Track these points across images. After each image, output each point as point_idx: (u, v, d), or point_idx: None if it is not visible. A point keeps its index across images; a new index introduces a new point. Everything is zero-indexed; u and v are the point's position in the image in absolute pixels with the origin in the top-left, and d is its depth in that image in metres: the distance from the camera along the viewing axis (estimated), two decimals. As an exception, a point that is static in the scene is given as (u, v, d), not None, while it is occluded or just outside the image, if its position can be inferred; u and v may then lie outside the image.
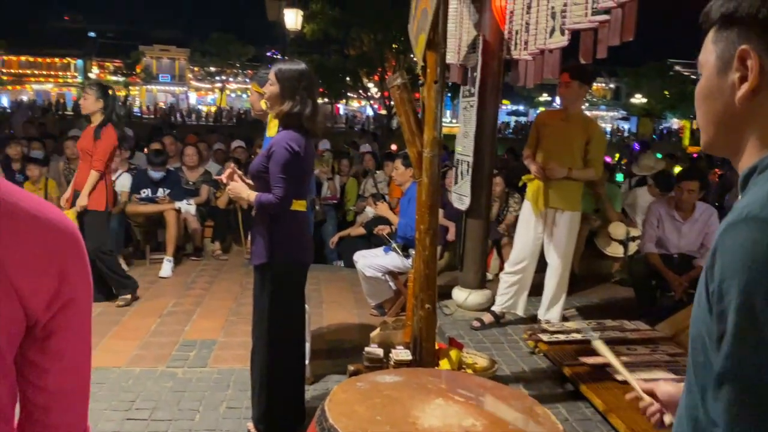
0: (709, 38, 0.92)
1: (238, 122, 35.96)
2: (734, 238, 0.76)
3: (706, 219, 4.68)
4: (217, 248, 6.68)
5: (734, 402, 0.75)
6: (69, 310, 0.87)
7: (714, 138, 0.94)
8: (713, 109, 0.91)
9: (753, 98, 0.84)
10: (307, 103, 2.88)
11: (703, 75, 0.93)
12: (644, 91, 39.38)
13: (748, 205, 0.77)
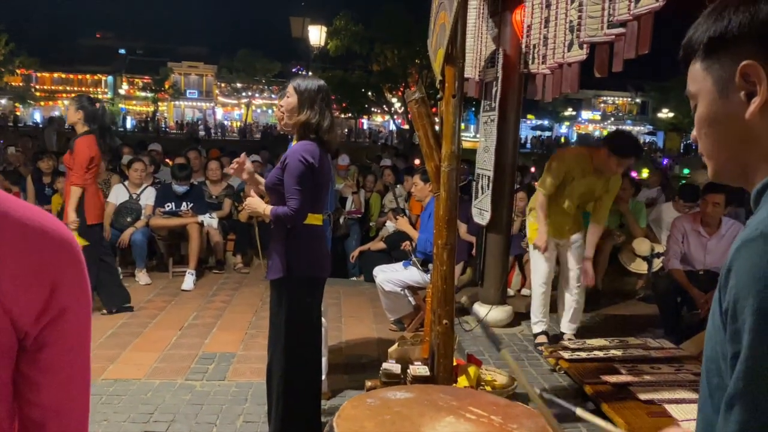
0: (697, 67, 0.90)
1: (262, 137, 36.35)
2: (749, 256, 0.74)
3: (733, 234, 4.58)
4: (239, 261, 6.72)
5: (746, 425, 0.73)
6: (62, 322, 0.84)
7: (724, 164, 0.91)
8: (722, 134, 0.88)
9: (764, 113, 0.82)
10: (326, 115, 2.90)
11: (700, 104, 0.90)
12: (671, 106, 38.92)
13: (762, 222, 0.75)
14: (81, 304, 0.88)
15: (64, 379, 0.87)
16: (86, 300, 0.89)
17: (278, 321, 3.00)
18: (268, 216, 2.91)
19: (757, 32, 0.81)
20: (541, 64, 3.69)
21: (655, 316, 5.09)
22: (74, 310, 0.86)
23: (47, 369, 0.84)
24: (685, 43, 0.93)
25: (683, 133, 39.51)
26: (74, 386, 0.90)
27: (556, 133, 51.53)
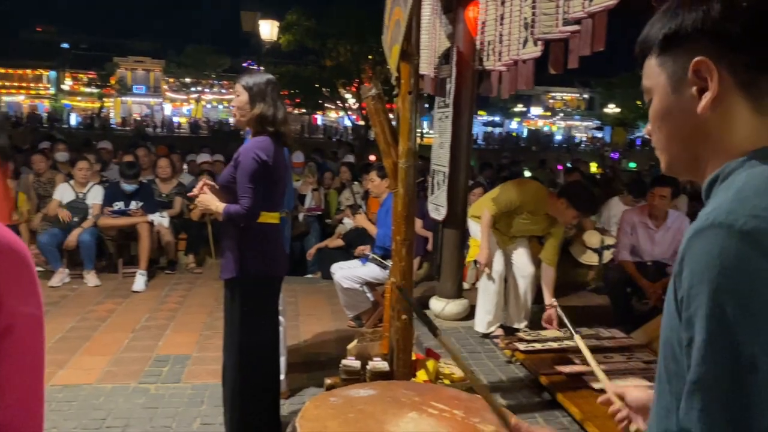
0: (652, 63, 0.93)
1: (212, 133, 35.74)
2: (701, 245, 0.76)
3: (679, 226, 4.75)
4: (191, 261, 6.59)
5: (707, 410, 0.75)
6: (7, 339, 0.79)
7: (677, 157, 0.94)
8: (675, 127, 0.91)
9: (715, 108, 0.85)
10: (279, 107, 2.86)
11: (655, 99, 0.93)
12: (617, 101, 40.05)
13: (713, 211, 0.78)
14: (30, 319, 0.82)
15: (11, 400, 0.82)
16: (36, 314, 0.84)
17: (232, 321, 2.95)
18: (220, 214, 2.86)
19: (710, 30, 0.84)
20: (497, 61, 3.73)
21: (606, 306, 5.24)
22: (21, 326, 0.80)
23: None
24: (640, 40, 0.96)
25: (629, 128, 40.71)
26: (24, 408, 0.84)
27: (506, 129, 52.37)
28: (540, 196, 4.37)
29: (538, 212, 4.35)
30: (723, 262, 0.73)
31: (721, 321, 0.73)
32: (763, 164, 0.81)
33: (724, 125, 0.86)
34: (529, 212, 4.35)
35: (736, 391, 0.73)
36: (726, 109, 0.85)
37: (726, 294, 0.73)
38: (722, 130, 0.86)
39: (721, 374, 0.74)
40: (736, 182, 0.81)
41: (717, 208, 0.78)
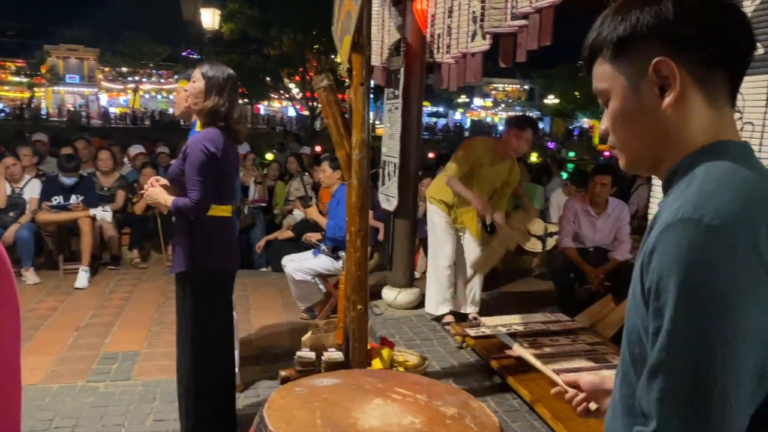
0: (606, 66, 0.96)
1: (152, 124, 34.71)
2: (670, 239, 0.81)
3: (618, 214, 4.95)
4: (136, 256, 6.43)
5: (667, 393, 0.80)
6: None
7: (638, 154, 0.98)
8: (636, 126, 0.95)
9: (676, 105, 0.90)
10: (235, 105, 2.84)
11: (614, 100, 0.96)
12: (556, 92, 41.09)
13: (681, 207, 0.82)
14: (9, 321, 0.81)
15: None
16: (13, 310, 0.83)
17: (184, 315, 2.91)
18: (168, 207, 2.81)
19: (665, 30, 0.88)
20: (446, 54, 3.79)
21: (551, 291, 5.42)
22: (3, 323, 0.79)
23: None
24: (590, 43, 0.98)
25: (567, 119, 41.85)
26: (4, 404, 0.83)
27: (450, 120, 52.98)
28: (489, 143, 4.52)
29: (494, 161, 4.43)
30: (691, 256, 0.78)
31: (687, 310, 0.78)
32: (721, 159, 0.87)
33: (683, 120, 0.91)
34: (487, 165, 4.42)
35: (696, 377, 0.78)
36: (686, 105, 0.90)
37: (694, 286, 0.78)
38: (681, 126, 0.91)
39: (683, 360, 0.79)
40: (697, 177, 0.86)
41: (684, 204, 0.82)
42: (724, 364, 0.77)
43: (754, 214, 0.80)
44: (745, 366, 0.78)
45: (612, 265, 4.82)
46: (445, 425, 1.43)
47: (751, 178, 0.85)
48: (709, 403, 0.78)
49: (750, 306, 0.78)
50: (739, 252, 0.78)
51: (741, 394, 0.78)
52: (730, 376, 0.77)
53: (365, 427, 1.39)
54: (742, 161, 0.87)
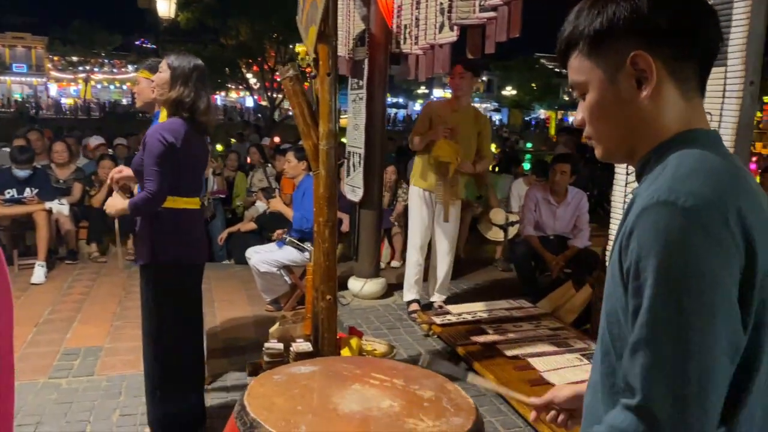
0: (582, 58, 0.99)
1: (105, 115, 33.77)
2: (647, 221, 0.86)
3: (578, 202, 5.08)
4: (94, 250, 6.27)
5: (649, 367, 0.85)
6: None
7: (615, 144, 1.02)
8: (614, 117, 0.99)
9: (652, 96, 0.95)
10: (202, 96, 2.80)
11: (591, 92, 1.00)
12: (514, 84, 41.65)
13: (657, 191, 0.87)
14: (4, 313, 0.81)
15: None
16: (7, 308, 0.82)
17: (148, 308, 2.89)
18: (126, 210, 2.75)
19: (641, 24, 0.93)
20: (414, 45, 3.81)
21: (513, 279, 5.54)
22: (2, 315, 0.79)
23: None
24: (566, 36, 1.01)
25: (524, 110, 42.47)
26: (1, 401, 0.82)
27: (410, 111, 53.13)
28: (442, 99, 4.60)
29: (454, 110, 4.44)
30: (668, 236, 0.83)
31: (666, 287, 0.83)
32: (692, 146, 0.93)
33: (657, 111, 0.96)
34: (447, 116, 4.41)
35: (677, 349, 0.83)
36: (660, 96, 0.95)
37: (671, 264, 0.83)
38: (656, 116, 0.96)
39: (664, 334, 0.84)
40: (671, 162, 0.91)
41: (659, 188, 0.87)
42: (703, 335, 0.82)
43: (725, 196, 0.85)
44: (722, 336, 0.83)
45: (572, 252, 4.95)
46: (423, 408, 1.46)
47: (720, 163, 0.90)
48: (691, 373, 0.83)
49: (724, 280, 0.83)
50: (712, 231, 0.83)
51: (720, 362, 0.84)
52: (709, 346, 0.83)
53: (346, 411, 1.41)
54: (711, 148, 0.93)
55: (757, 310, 0.87)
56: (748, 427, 0.91)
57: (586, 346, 3.86)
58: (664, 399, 0.84)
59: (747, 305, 0.86)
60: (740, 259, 0.85)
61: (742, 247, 0.85)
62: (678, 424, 0.83)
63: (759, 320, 0.88)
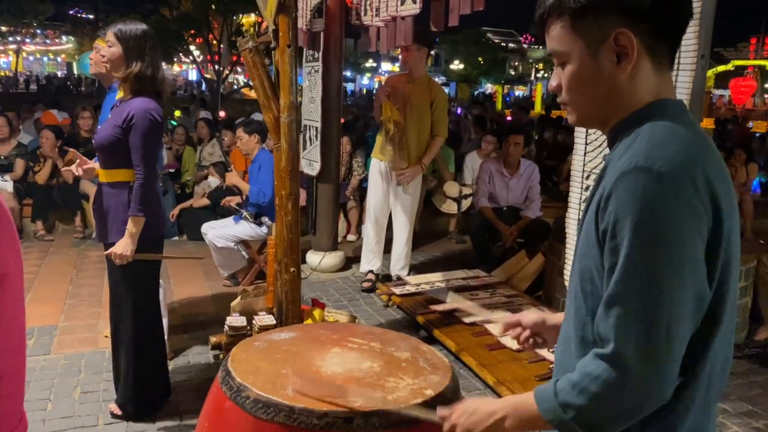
0: (565, 29, 1.03)
1: (41, 88, 32.20)
2: (625, 185, 0.93)
3: (530, 174, 5.23)
4: (40, 228, 6.06)
5: (622, 318, 0.93)
6: (1, 288, 0.81)
7: (590, 113, 1.09)
8: (591, 88, 1.05)
9: (631, 72, 1.01)
10: (158, 67, 2.75)
11: (572, 63, 1.05)
12: (461, 58, 41.85)
13: (634, 157, 0.94)
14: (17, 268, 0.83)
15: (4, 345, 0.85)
16: (20, 265, 0.84)
17: (121, 286, 2.84)
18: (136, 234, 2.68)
19: (627, 2, 0.98)
20: (375, 17, 3.80)
21: (468, 250, 5.68)
22: (11, 275, 0.81)
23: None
24: (548, 5, 1.06)
25: (472, 84, 42.76)
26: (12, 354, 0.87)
27: (358, 85, 52.76)
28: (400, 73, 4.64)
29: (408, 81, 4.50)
30: (644, 199, 0.91)
31: (640, 246, 0.91)
32: (663, 117, 1.00)
33: (633, 84, 1.02)
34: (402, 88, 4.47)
35: (648, 302, 0.92)
36: (636, 71, 1.01)
37: (646, 224, 0.90)
38: (631, 89, 1.03)
39: (636, 289, 0.92)
40: (645, 132, 0.98)
41: (636, 154, 0.94)
42: (673, 290, 0.91)
43: (696, 164, 0.94)
44: (689, 291, 0.92)
45: (524, 222, 5.11)
46: (401, 368, 1.53)
47: (688, 133, 0.98)
48: (660, 324, 0.91)
49: (694, 240, 0.92)
50: (684, 195, 0.91)
51: (686, 315, 0.93)
52: (677, 300, 0.91)
53: (329, 372, 1.46)
54: (679, 118, 1.01)
55: (721, 272, 0.96)
56: (708, 375, 1.00)
57: (539, 311, 4.02)
58: (635, 348, 0.92)
59: (713, 263, 0.95)
60: (708, 221, 0.93)
61: (710, 211, 0.93)
62: (647, 370, 0.92)
63: (723, 282, 0.97)
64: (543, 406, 1.01)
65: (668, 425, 0.99)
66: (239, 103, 19.71)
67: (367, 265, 4.81)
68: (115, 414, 2.91)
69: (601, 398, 0.95)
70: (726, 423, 3.11)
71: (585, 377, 0.97)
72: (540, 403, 1.02)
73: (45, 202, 6.09)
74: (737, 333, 3.93)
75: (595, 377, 0.95)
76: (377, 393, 1.38)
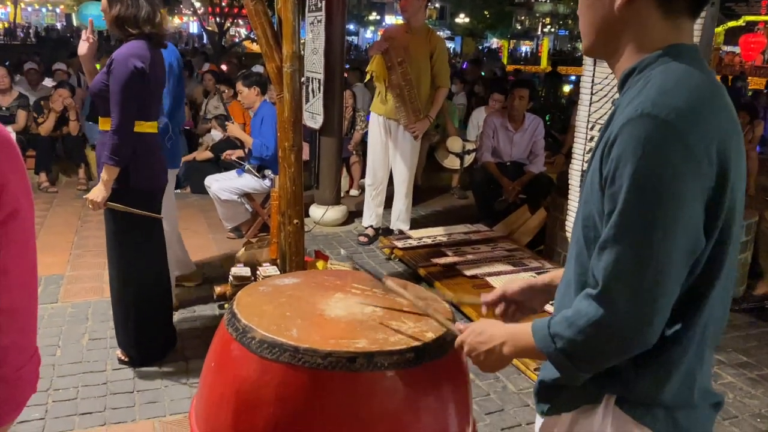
0: None
1: (39, 40, 31.72)
2: (630, 132, 0.93)
3: (534, 129, 5.20)
4: (44, 180, 6.08)
5: (613, 262, 0.95)
6: (12, 223, 0.84)
7: (594, 42, 1.09)
8: (594, 17, 1.06)
9: (629, 7, 1.00)
10: (141, 6, 2.67)
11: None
12: (467, 11, 40.93)
13: (641, 104, 0.93)
14: (28, 204, 0.85)
15: (15, 281, 0.88)
16: (31, 201, 0.86)
17: (117, 237, 2.87)
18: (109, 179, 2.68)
19: None
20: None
21: (470, 206, 5.69)
22: (22, 211, 0.83)
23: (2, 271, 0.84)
24: None
25: (478, 38, 41.95)
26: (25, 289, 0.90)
27: (362, 39, 51.86)
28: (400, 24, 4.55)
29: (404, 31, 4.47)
30: (646, 147, 0.91)
31: (637, 194, 0.92)
32: (676, 60, 0.99)
33: (637, 24, 1.02)
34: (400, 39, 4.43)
35: (639, 249, 0.93)
36: (638, 9, 1.00)
37: (645, 173, 0.91)
38: (636, 29, 1.02)
39: (629, 235, 0.93)
40: (656, 76, 0.97)
41: (644, 101, 0.94)
42: (664, 241, 0.92)
43: (705, 114, 0.93)
44: (681, 244, 0.93)
45: (528, 177, 5.10)
46: (403, 312, 1.56)
47: (702, 79, 0.97)
48: (648, 271, 0.93)
49: (693, 193, 0.92)
50: (688, 145, 0.90)
51: (675, 266, 0.94)
52: (668, 251, 0.92)
53: (332, 316, 1.50)
54: (694, 63, 0.99)
55: (723, 226, 0.97)
56: (703, 327, 1.02)
57: (540, 265, 4.07)
58: (622, 290, 0.95)
59: (715, 215, 0.95)
60: (712, 175, 0.93)
61: (716, 164, 0.93)
62: (632, 313, 0.95)
63: (724, 236, 0.98)
64: (537, 335, 1.06)
65: (662, 369, 1.02)
66: (241, 56, 19.42)
67: (368, 219, 4.84)
68: (122, 359, 2.98)
69: (587, 333, 0.98)
70: (721, 373, 3.17)
71: (576, 313, 1.00)
72: (534, 333, 1.07)
73: (48, 154, 6.10)
74: (736, 287, 3.98)
75: (584, 314, 0.98)
76: (379, 335, 1.42)
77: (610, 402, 1.06)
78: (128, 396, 2.74)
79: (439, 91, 4.54)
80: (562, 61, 23.82)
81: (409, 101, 4.38)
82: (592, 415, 1.08)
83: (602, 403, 1.07)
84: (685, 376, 1.03)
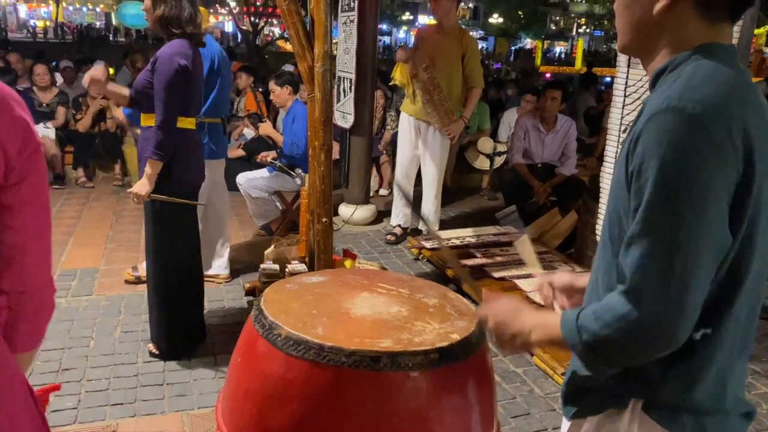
0: None
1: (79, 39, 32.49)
2: (655, 126, 0.91)
3: (567, 130, 5.13)
4: (81, 175, 6.23)
5: (640, 257, 0.93)
6: (36, 158, 0.98)
7: (630, 42, 1.08)
8: (632, 18, 1.05)
9: (668, 11, 0.99)
10: (184, 7, 2.74)
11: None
12: (500, 11, 40.64)
13: (667, 98, 0.92)
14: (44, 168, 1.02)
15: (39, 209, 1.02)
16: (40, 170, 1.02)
17: (155, 231, 2.93)
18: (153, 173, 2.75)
19: None
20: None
21: (500, 207, 5.64)
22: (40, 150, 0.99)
23: (26, 198, 0.98)
24: None
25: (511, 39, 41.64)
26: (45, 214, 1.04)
27: (394, 38, 51.88)
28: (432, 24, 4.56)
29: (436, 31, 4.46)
30: (672, 140, 0.89)
31: (664, 187, 0.90)
32: (707, 58, 0.97)
33: (675, 28, 1.01)
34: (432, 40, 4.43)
35: (667, 244, 0.91)
36: (678, 14, 0.99)
37: (672, 166, 0.89)
38: (674, 32, 1.01)
39: (657, 230, 0.92)
40: (685, 72, 0.96)
41: (671, 95, 0.92)
42: (692, 235, 0.90)
43: (732, 107, 0.91)
44: (709, 237, 0.91)
45: (559, 179, 5.05)
46: (429, 313, 1.56)
47: (731, 76, 0.95)
48: (676, 266, 0.91)
49: (719, 187, 0.90)
50: (714, 139, 0.89)
51: (703, 260, 0.92)
52: (695, 245, 0.91)
53: (357, 315, 1.50)
54: (726, 61, 0.98)
55: (750, 220, 0.95)
56: (734, 324, 1.00)
57: (570, 269, 4.01)
58: (649, 287, 0.93)
59: (741, 212, 0.93)
60: (738, 169, 0.91)
61: (742, 158, 0.91)
62: (659, 311, 0.93)
63: (751, 230, 0.96)
64: (564, 326, 1.05)
65: (690, 373, 1.00)
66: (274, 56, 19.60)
67: (396, 219, 4.84)
68: (153, 353, 3.04)
69: (614, 329, 0.96)
70: (755, 383, 3.09)
71: (604, 306, 0.99)
72: (563, 324, 1.05)
73: (86, 150, 6.25)
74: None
75: (611, 308, 0.97)
76: (404, 335, 1.42)
77: (637, 407, 1.05)
78: (158, 389, 2.79)
79: (473, 91, 4.51)
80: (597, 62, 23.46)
81: (439, 104, 4.37)
82: (619, 420, 1.07)
83: (629, 408, 1.05)
84: (715, 381, 1.01)
